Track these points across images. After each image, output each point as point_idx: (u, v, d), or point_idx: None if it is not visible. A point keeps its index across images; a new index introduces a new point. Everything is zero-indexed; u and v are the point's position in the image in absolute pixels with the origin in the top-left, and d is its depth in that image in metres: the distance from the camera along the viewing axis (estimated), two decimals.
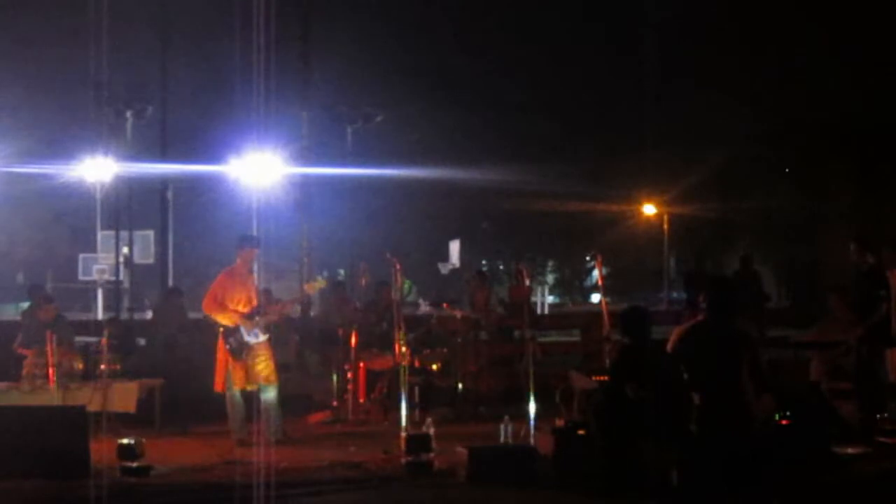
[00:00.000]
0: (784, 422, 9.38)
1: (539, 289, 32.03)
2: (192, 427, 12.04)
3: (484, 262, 26.17)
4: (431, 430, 9.79)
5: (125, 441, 9.70)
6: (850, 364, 11.34)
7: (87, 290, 26.49)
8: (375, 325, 13.80)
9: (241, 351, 10.93)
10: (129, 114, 19.21)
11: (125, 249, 20.94)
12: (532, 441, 9.79)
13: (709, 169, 26.80)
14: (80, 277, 26.77)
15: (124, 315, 19.21)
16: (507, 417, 10.20)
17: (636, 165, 28.19)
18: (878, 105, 25.18)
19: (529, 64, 29.88)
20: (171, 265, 22.48)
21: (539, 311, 27.70)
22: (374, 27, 29.41)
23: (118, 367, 12.44)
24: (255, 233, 17.30)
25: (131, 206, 20.60)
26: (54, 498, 8.73)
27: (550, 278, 37.64)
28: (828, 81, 25.65)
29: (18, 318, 16.27)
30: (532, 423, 10.15)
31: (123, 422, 11.11)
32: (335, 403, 12.87)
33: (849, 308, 11.55)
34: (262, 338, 11.03)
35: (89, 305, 25.98)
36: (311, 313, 18.32)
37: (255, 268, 11.44)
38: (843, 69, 25.52)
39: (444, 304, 15.31)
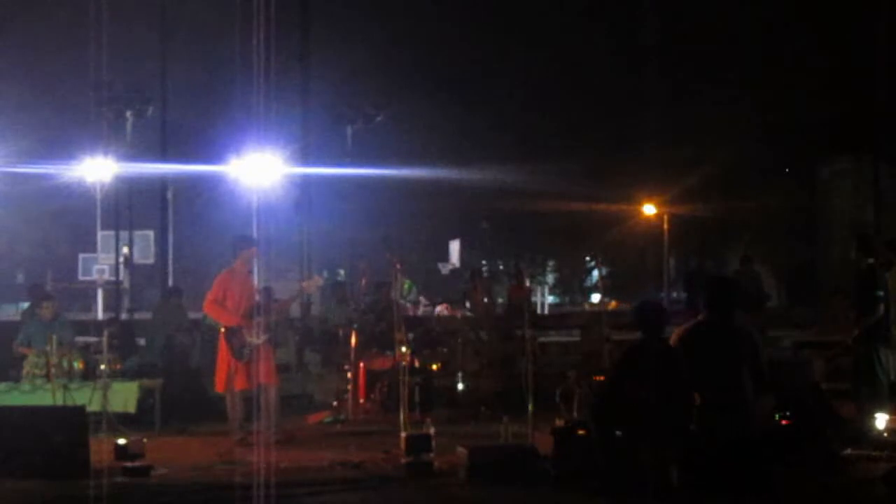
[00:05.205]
0: (784, 422, 9.38)
1: (539, 289, 32.00)
2: (192, 427, 12.05)
3: (484, 262, 26.17)
4: (431, 430, 9.79)
5: (125, 441, 9.70)
6: (849, 364, 11.35)
7: (87, 290, 26.48)
8: (375, 325, 13.81)
9: (243, 351, 10.94)
10: (129, 114, 19.25)
11: (125, 249, 20.94)
12: (532, 441, 9.78)
13: (709, 169, 26.78)
14: (80, 277, 26.76)
15: (124, 315, 19.22)
16: (506, 417, 10.20)
17: (636, 165, 28.16)
18: (877, 104, 25.18)
19: (529, 64, 29.86)
20: (171, 265, 22.50)
21: (539, 311, 27.69)
22: (374, 27, 29.40)
23: (118, 367, 12.46)
24: (254, 233, 17.31)
25: (131, 206, 20.61)
26: (54, 498, 8.72)
27: (550, 278, 37.59)
28: (828, 81, 25.65)
29: (18, 318, 16.29)
30: (531, 423, 10.14)
31: (123, 422, 11.11)
32: (335, 403, 12.88)
33: (848, 308, 11.57)
34: (263, 338, 11.04)
35: (89, 305, 25.98)
36: (312, 313, 18.34)
37: (255, 267, 11.44)
38: (843, 68, 25.52)
39: (444, 305, 15.34)
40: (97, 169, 21.11)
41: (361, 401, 12.83)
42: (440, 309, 17.75)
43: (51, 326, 12.59)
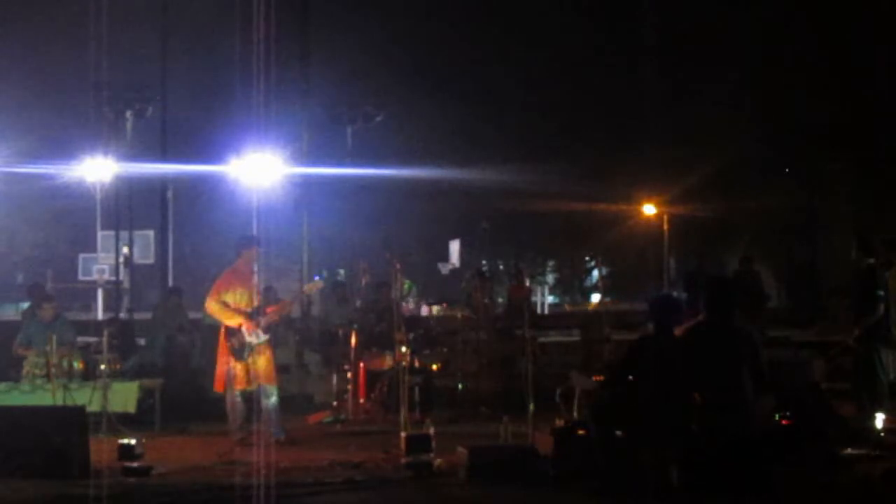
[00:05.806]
0: (784, 422, 9.38)
1: (539, 289, 32.01)
2: (192, 427, 12.05)
3: (484, 262, 26.16)
4: (431, 430, 9.79)
5: (125, 441, 9.70)
6: (849, 364, 11.35)
7: (87, 290, 26.49)
8: (375, 325, 13.81)
9: (242, 351, 10.93)
10: (129, 114, 19.22)
11: (125, 249, 20.93)
12: (532, 441, 9.78)
13: (709, 169, 26.79)
14: (80, 277, 26.77)
15: (124, 315, 19.21)
16: (506, 417, 10.20)
17: (636, 165, 28.17)
18: (877, 104, 25.21)
19: (529, 64, 29.87)
20: (171, 265, 22.48)
21: (539, 311, 27.68)
22: (374, 27, 29.42)
23: (118, 367, 12.45)
24: (254, 232, 17.31)
25: (131, 206, 20.59)
26: (54, 498, 8.72)
27: (550, 278, 37.61)
28: (827, 81, 25.67)
29: (18, 318, 16.28)
30: (531, 423, 10.13)
31: (123, 422, 11.10)
32: (335, 403, 12.88)
33: (848, 309, 11.58)
34: (263, 338, 11.03)
35: (89, 305, 25.98)
36: (312, 313, 18.33)
37: (257, 267, 11.43)
38: (842, 69, 25.54)
39: (443, 304, 15.32)
40: (97, 169, 21.12)
41: (361, 401, 12.83)
42: (426, 310, 17.73)
43: (51, 327, 12.58)
